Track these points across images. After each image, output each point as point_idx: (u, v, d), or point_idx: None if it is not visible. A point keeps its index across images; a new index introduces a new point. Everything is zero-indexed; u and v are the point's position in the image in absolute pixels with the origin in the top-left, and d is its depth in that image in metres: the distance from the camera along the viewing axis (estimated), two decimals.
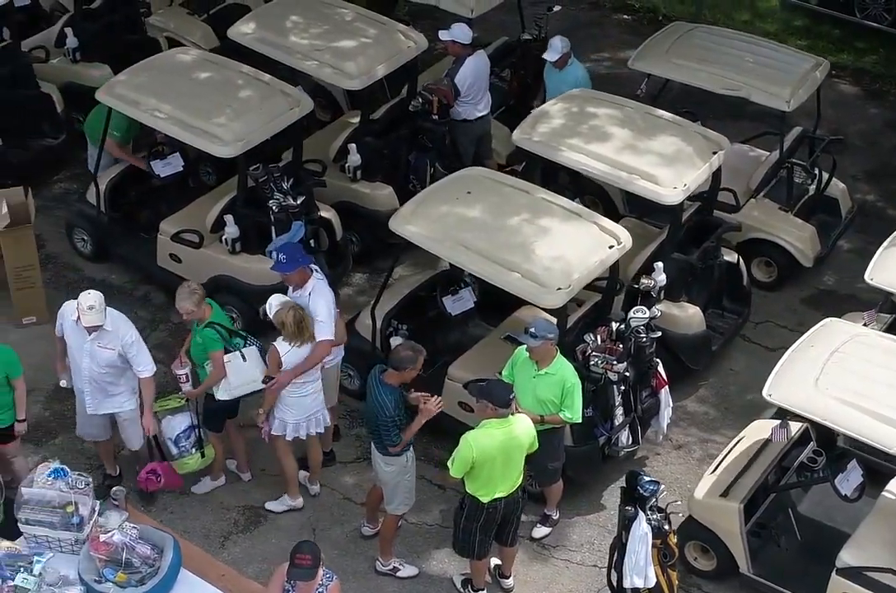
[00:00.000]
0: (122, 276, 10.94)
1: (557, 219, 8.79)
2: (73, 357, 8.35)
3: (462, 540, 8.10)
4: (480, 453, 7.63)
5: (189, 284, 8.49)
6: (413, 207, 8.90)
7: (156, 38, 12.55)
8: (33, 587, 7.30)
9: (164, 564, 7.47)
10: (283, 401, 8.49)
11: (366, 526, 8.87)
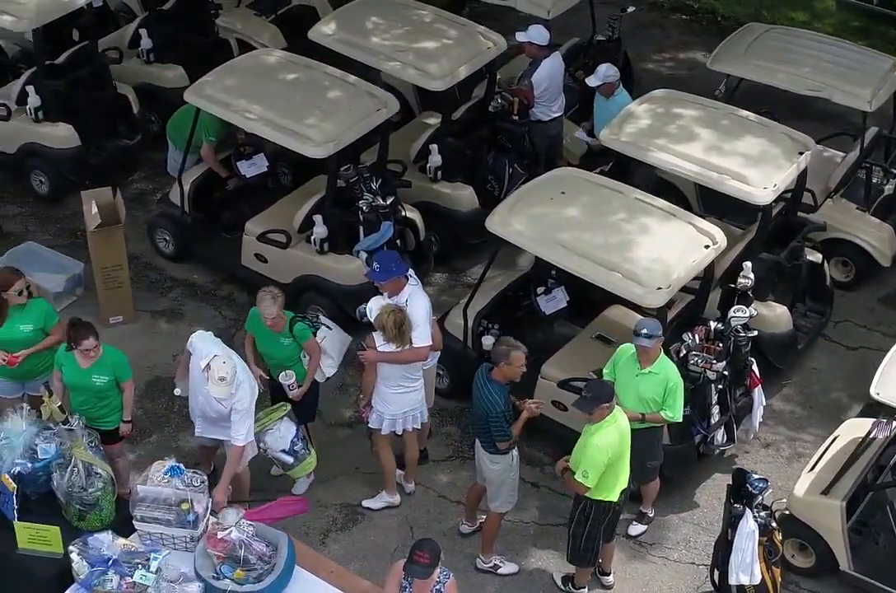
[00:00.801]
0: (204, 276, 11.02)
1: (653, 219, 8.87)
2: (193, 382, 8.33)
3: (585, 550, 8.16)
4: (613, 454, 7.72)
5: (270, 290, 8.46)
6: (509, 207, 8.97)
7: (227, 39, 12.64)
8: (152, 583, 7.38)
9: (279, 561, 7.54)
10: (383, 395, 8.57)
11: (464, 524, 8.94)
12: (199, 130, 10.38)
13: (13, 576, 7.77)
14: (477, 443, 8.35)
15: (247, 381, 8.12)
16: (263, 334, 8.60)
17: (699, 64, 14.11)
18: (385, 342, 8.44)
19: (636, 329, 8.14)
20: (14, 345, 8.52)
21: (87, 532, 7.67)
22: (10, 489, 7.71)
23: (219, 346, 8.29)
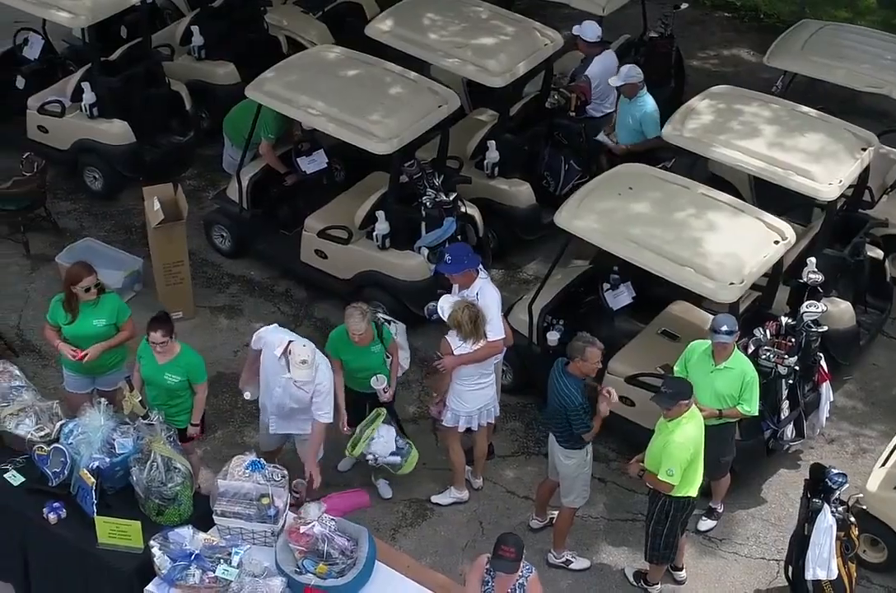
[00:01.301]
0: (261, 272, 11.03)
1: (722, 215, 8.88)
2: (265, 379, 8.33)
3: (665, 547, 8.16)
4: (696, 449, 7.73)
5: (358, 306, 8.32)
6: (577, 203, 8.97)
7: (276, 36, 12.66)
8: (234, 578, 7.40)
9: (360, 555, 7.57)
10: (459, 394, 8.58)
11: (534, 519, 8.95)
12: (258, 127, 10.38)
13: (94, 571, 7.79)
14: (551, 437, 8.36)
15: (324, 363, 8.16)
16: (352, 351, 8.46)
17: (744, 61, 14.18)
18: (461, 341, 8.43)
19: (715, 326, 8.12)
20: (86, 340, 8.53)
21: (166, 527, 7.71)
22: (90, 484, 7.72)
23: (291, 334, 8.33)
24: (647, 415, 9.05)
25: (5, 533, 8.12)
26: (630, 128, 10.70)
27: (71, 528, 7.81)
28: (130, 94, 11.44)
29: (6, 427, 8.16)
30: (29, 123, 11.65)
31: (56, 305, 8.55)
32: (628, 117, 10.66)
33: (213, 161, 12.12)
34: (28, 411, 8.19)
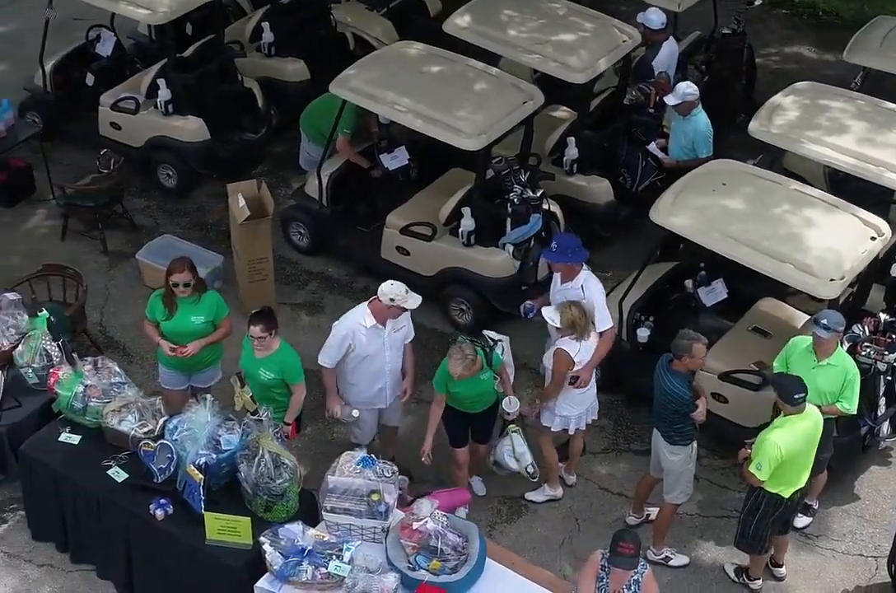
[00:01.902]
0: (339, 269, 11.02)
1: (817, 211, 8.86)
2: (370, 365, 8.40)
3: (752, 537, 8.15)
4: (788, 452, 7.69)
5: (462, 349, 8.12)
6: (671, 199, 8.95)
7: (344, 33, 12.66)
8: (347, 574, 7.41)
9: (472, 552, 7.57)
10: (571, 398, 8.55)
11: (631, 516, 8.95)
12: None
13: (202, 567, 7.80)
14: (655, 434, 8.35)
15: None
16: (464, 384, 8.28)
17: (805, 58, 14.16)
18: (576, 342, 8.36)
19: (817, 319, 8.12)
20: (185, 337, 8.53)
21: (274, 523, 7.72)
22: (197, 480, 7.74)
23: (355, 308, 8.49)
24: (740, 412, 9.09)
25: (109, 529, 8.14)
26: (682, 145, 10.51)
27: (178, 525, 7.83)
28: (205, 91, 11.45)
29: (108, 423, 8.18)
30: (101, 120, 11.65)
31: (155, 301, 8.56)
32: (682, 135, 10.49)
33: (283, 158, 12.15)
34: (131, 407, 8.21)
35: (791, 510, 8.12)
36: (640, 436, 9.64)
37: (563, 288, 8.65)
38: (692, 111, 10.35)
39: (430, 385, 9.49)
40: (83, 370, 8.37)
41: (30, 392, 8.61)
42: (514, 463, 8.59)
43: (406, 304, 8.30)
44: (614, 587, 7.30)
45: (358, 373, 8.52)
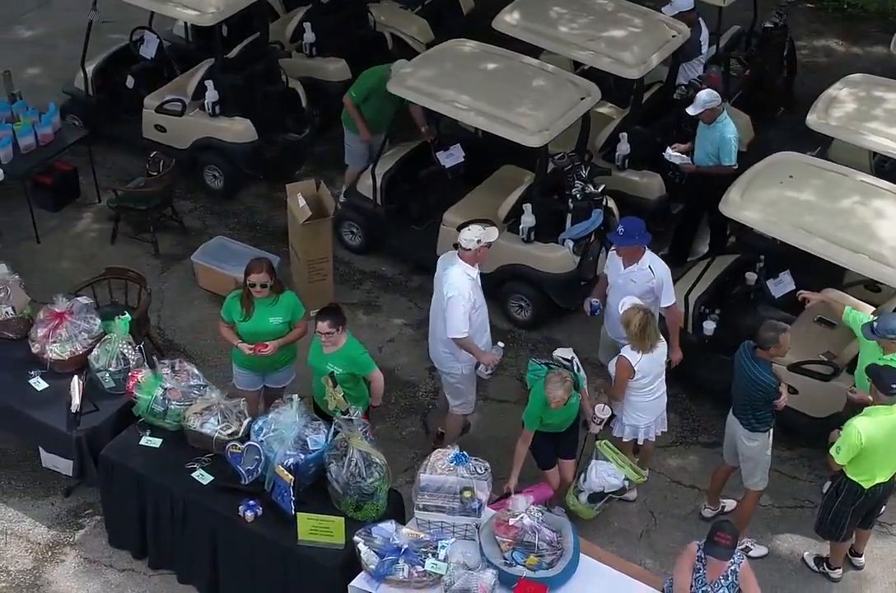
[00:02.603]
0: (393, 268, 11.02)
1: (886, 201, 8.92)
2: (480, 314, 8.65)
3: (831, 523, 8.23)
4: (868, 440, 7.75)
5: (559, 373, 8.12)
6: (740, 193, 8.99)
7: (382, 32, 12.67)
8: (444, 571, 7.43)
9: (567, 546, 7.61)
10: (636, 407, 8.56)
11: (707, 508, 8.99)
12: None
13: (294, 568, 7.80)
14: (731, 421, 8.42)
15: None
16: (555, 413, 8.26)
17: (835, 51, 14.26)
18: (637, 353, 8.34)
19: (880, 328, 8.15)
20: (262, 338, 8.51)
21: (364, 522, 7.72)
22: (287, 480, 7.73)
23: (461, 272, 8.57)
24: (810, 403, 9.14)
25: (194, 532, 8.13)
26: (708, 152, 10.30)
27: (268, 526, 7.82)
28: (251, 92, 11.43)
29: (191, 425, 8.17)
30: (145, 123, 11.62)
31: (232, 302, 8.55)
32: (707, 142, 10.29)
33: (326, 158, 12.15)
34: (213, 409, 8.20)
35: (873, 503, 8.17)
36: (707, 429, 9.72)
37: (628, 271, 8.72)
38: (717, 118, 10.14)
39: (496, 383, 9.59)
40: (162, 373, 8.36)
41: (106, 396, 8.57)
42: (614, 479, 8.48)
43: (490, 238, 8.52)
44: (711, 577, 7.34)
45: (473, 327, 8.59)
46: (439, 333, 8.66)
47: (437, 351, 8.80)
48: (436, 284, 8.70)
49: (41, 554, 8.63)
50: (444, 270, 8.55)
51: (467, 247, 8.43)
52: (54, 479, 9.06)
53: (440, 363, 8.88)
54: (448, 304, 8.39)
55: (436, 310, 8.70)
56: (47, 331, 8.69)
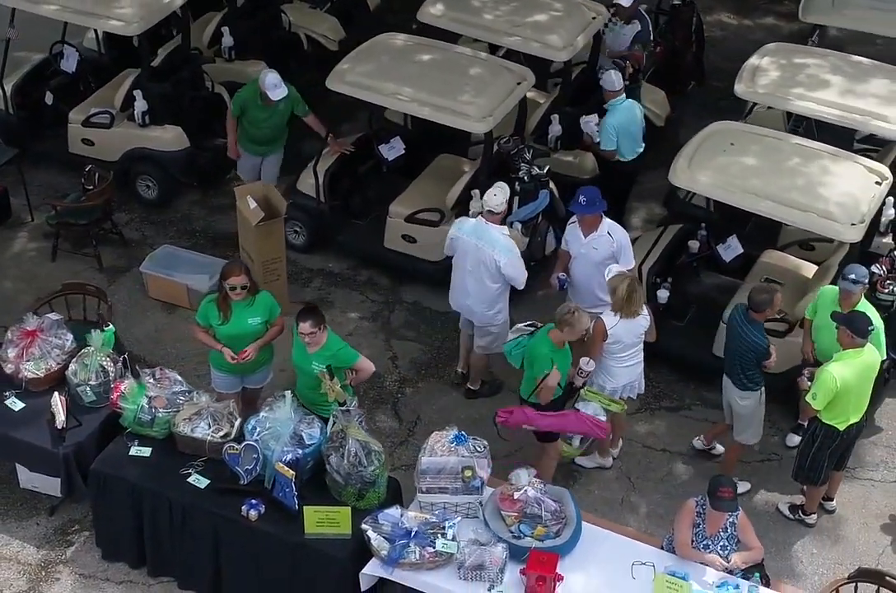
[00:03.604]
0: (339, 264, 11.09)
1: (824, 161, 9.34)
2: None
3: (809, 468, 8.60)
4: (843, 383, 8.13)
5: (568, 307, 8.42)
6: (686, 163, 9.31)
7: (297, 33, 12.73)
8: (455, 550, 7.59)
9: (570, 515, 7.82)
10: (608, 370, 8.79)
11: (699, 440, 9.48)
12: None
13: (304, 562, 7.87)
14: (726, 383, 8.76)
15: None
16: (565, 358, 8.56)
17: (728, 25, 14.74)
18: (615, 317, 8.59)
19: (845, 274, 8.54)
20: (241, 339, 8.56)
21: (368, 510, 7.83)
22: (289, 476, 7.79)
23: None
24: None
25: (194, 537, 8.14)
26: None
27: (273, 523, 7.88)
28: (179, 99, 11.41)
29: (181, 431, 8.18)
30: (71, 137, 11.51)
31: (209, 306, 8.56)
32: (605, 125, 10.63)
33: None
34: (203, 414, 8.22)
35: (846, 444, 8.56)
36: (668, 394, 10.04)
37: (590, 240, 9.04)
38: (611, 102, 10.47)
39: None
40: (145, 382, 8.35)
41: (85, 410, 8.52)
42: (602, 417, 8.66)
43: (507, 197, 9.12)
44: (711, 531, 7.65)
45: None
46: (478, 293, 9.20)
47: (477, 310, 9.31)
48: (463, 252, 9.14)
49: (35, 574, 8.54)
50: (482, 239, 9.01)
51: (498, 211, 9.00)
52: (35, 500, 8.99)
53: (482, 320, 9.37)
54: (509, 264, 9.02)
55: (472, 273, 9.14)
56: (19, 350, 8.61)
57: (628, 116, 10.54)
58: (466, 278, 9.20)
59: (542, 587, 7.45)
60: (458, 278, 9.33)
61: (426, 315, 10.69)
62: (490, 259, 9.00)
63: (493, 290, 9.17)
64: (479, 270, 9.07)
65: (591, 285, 9.22)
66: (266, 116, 10.70)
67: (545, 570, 7.43)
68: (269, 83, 10.39)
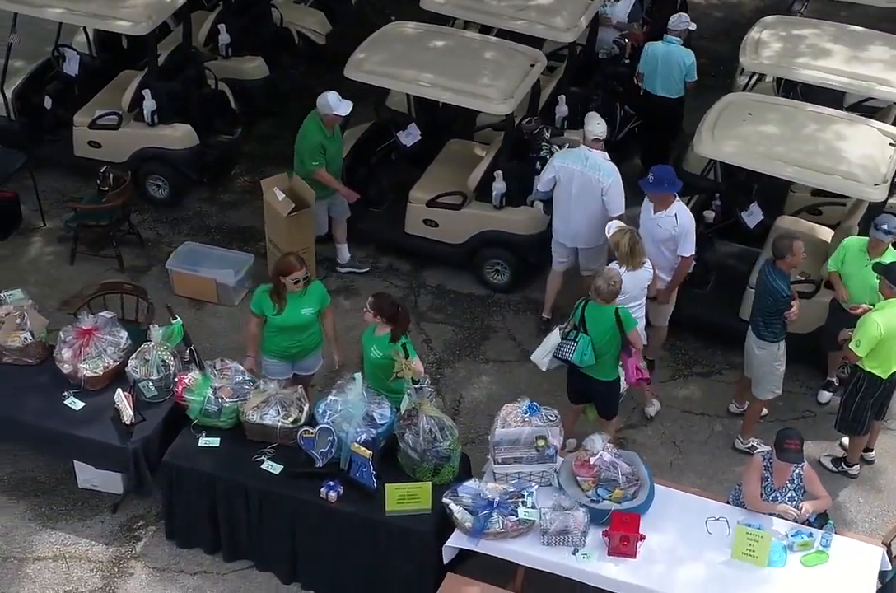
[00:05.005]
0: (358, 252, 11.16)
1: (839, 126, 9.69)
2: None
3: (853, 418, 8.93)
4: (886, 330, 8.46)
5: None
6: (709, 134, 9.58)
7: (289, 28, 12.83)
8: (537, 517, 7.79)
9: (643, 476, 8.05)
10: None
11: (733, 404, 9.75)
12: (305, 159, 10.22)
13: (386, 539, 8.02)
14: (749, 333, 9.04)
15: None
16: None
17: (697, 4, 15.02)
18: (622, 268, 8.84)
19: (877, 223, 8.88)
20: (296, 329, 8.68)
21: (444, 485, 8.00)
22: (366, 456, 7.94)
23: None
24: (797, 320, 9.79)
25: (271, 521, 8.25)
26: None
27: (352, 503, 8.03)
28: (185, 97, 11.45)
29: (251, 419, 8.28)
30: (77, 140, 11.50)
31: (263, 296, 8.66)
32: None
33: (256, 156, 12.31)
34: (271, 401, 8.32)
35: (888, 393, 8.90)
36: (698, 360, 10.35)
37: (657, 217, 9.22)
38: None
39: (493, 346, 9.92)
40: (209, 373, 8.44)
41: (147, 405, 8.58)
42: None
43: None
44: (779, 484, 7.94)
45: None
46: (584, 217, 9.74)
47: (583, 232, 9.83)
48: (568, 179, 9.65)
49: (108, 571, 8.59)
50: (586, 165, 9.55)
51: (603, 138, 9.63)
52: (95, 498, 9.02)
53: (587, 242, 9.89)
54: (612, 186, 9.57)
55: (577, 198, 9.67)
56: (75, 349, 8.65)
57: (671, 57, 11.22)
58: (572, 204, 9.71)
59: (626, 546, 7.69)
60: (561, 208, 9.83)
61: (451, 297, 10.87)
62: (595, 182, 9.54)
63: (597, 212, 9.66)
64: (583, 194, 9.60)
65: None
66: (336, 146, 10.40)
67: (629, 530, 7.66)
68: (333, 102, 9.99)
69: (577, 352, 8.58)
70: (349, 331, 10.26)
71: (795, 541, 7.75)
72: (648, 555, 7.74)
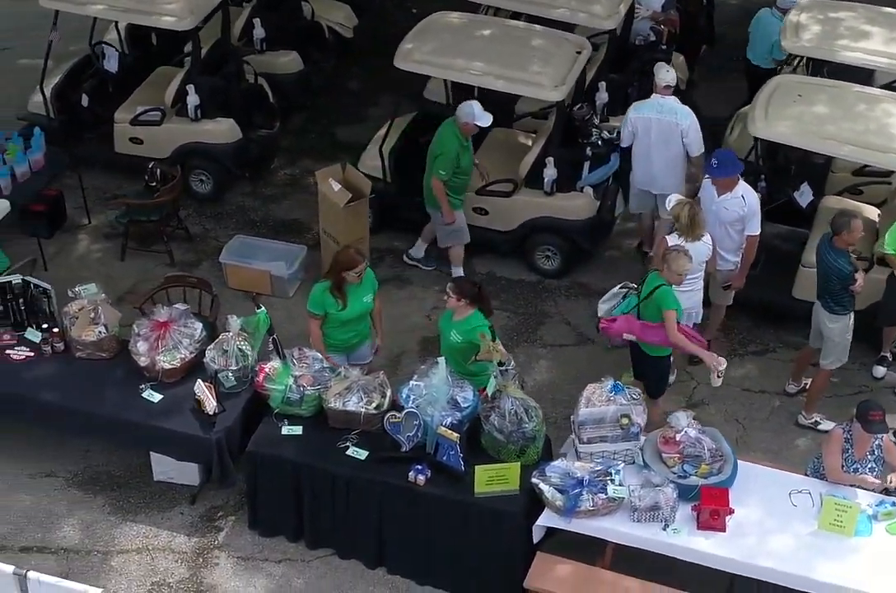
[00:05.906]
0: (407, 242, 11.20)
1: (885, 105, 9.83)
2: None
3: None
4: None
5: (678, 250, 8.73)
6: (763, 114, 9.72)
7: (319, 22, 12.90)
8: (627, 494, 7.91)
9: (726, 451, 8.19)
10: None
11: (790, 384, 9.86)
12: (435, 165, 10.13)
13: (476, 520, 8.11)
14: (816, 305, 9.20)
15: None
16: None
17: None
18: (678, 238, 8.97)
19: None
20: (360, 319, 8.79)
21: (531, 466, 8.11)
22: (454, 439, 8.04)
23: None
24: None
25: (358, 507, 8.33)
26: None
27: (441, 486, 8.12)
28: (227, 92, 11.50)
29: (334, 406, 8.35)
30: (118, 137, 11.51)
31: (323, 295, 8.64)
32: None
33: (293, 150, 12.37)
34: (353, 388, 8.39)
35: None
36: (752, 340, 10.48)
37: (722, 200, 9.31)
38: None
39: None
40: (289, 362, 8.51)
41: (226, 396, 8.63)
42: None
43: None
44: (859, 455, 8.08)
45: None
46: (663, 162, 10.14)
47: (661, 176, 10.19)
48: (645, 129, 10.02)
49: (192, 561, 8.65)
50: (661, 112, 9.97)
51: (673, 85, 10.10)
52: (171, 491, 9.07)
53: (665, 186, 10.09)
54: (690, 127, 9.99)
55: (655, 145, 10.07)
56: (151, 342, 8.70)
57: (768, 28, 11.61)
58: (651, 152, 10.08)
59: (716, 520, 7.83)
60: (640, 157, 10.19)
61: (502, 284, 10.97)
62: (673, 126, 9.94)
63: (676, 156, 10.06)
64: (661, 140, 10.01)
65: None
66: (469, 158, 10.27)
67: (720, 504, 7.81)
68: (477, 112, 9.89)
69: (619, 309, 8.95)
70: (403, 320, 10.40)
71: (880, 511, 7.92)
72: (737, 529, 7.88)
